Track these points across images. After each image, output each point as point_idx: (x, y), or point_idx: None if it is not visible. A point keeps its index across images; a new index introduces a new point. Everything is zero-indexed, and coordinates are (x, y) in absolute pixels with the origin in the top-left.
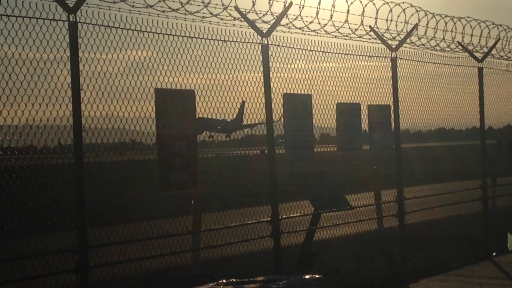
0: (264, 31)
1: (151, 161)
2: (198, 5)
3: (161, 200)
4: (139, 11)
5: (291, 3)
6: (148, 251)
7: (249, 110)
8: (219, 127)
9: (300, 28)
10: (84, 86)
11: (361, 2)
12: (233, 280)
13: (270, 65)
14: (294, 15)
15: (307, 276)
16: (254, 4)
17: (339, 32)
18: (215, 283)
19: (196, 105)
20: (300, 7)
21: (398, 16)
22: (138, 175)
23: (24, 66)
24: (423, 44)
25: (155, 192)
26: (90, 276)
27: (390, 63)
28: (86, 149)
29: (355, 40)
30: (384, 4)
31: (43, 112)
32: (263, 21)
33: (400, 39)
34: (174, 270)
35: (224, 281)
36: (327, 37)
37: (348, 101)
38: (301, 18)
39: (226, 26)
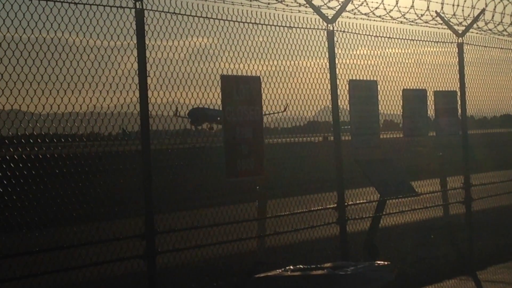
0: (330, 17)
1: (217, 148)
2: None
3: (227, 186)
4: None
5: None
6: (214, 237)
7: (313, 97)
8: (218, 118)
9: (365, 14)
10: (150, 73)
11: None
12: (300, 266)
13: (335, 51)
14: (359, 1)
15: (374, 263)
16: None
17: (404, 17)
18: (282, 269)
19: (262, 91)
20: None
21: (465, 1)
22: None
23: (92, 53)
24: (490, 29)
25: (221, 179)
26: (158, 262)
27: (457, 49)
28: (153, 136)
29: (420, 25)
30: None
31: (110, 99)
32: (328, 7)
33: (466, 24)
34: (240, 256)
35: (291, 267)
36: (392, 23)
37: (413, 87)
38: (367, 4)
39: (291, 12)
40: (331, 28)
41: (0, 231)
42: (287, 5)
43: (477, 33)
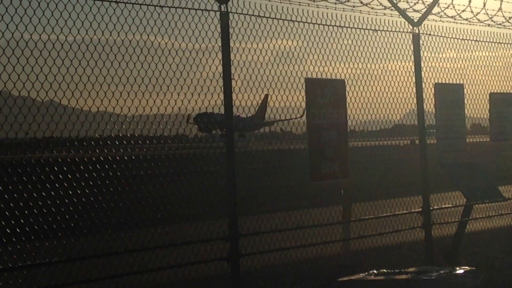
0: (415, 20)
1: (301, 151)
2: None
3: (311, 189)
4: (289, 1)
5: None
6: (298, 240)
7: (399, 100)
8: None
9: (452, 17)
10: (235, 76)
11: None
12: (384, 270)
13: (421, 54)
14: (445, 3)
15: (459, 269)
16: None
17: (492, 20)
18: (366, 273)
19: (346, 94)
20: None
21: None
22: (287, 164)
23: (177, 56)
24: None
25: (305, 181)
26: (241, 264)
27: None
28: (237, 138)
29: (508, 28)
30: None
31: (195, 102)
32: (414, 10)
33: None
34: (324, 259)
35: (375, 271)
36: (479, 25)
37: (501, 91)
38: (453, 7)
39: (376, 15)
40: (417, 31)
41: (87, 232)
42: (372, 8)
43: None
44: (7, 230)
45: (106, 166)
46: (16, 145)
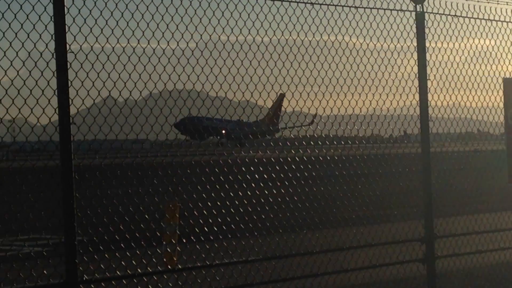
0: None
1: (498, 152)
2: None
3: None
4: (487, 0)
5: None
6: (496, 243)
7: None
8: (223, 131)
9: None
10: (430, 76)
11: None
12: None
13: None
14: None
15: None
16: None
17: None
18: None
19: None
20: None
21: None
22: (485, 165)
23: (372, 56)
24: None
25: (503, 183)
26: (436, 266)
27: None
28: (433, 139)
29: None
30: None
31: (390, 102)
32: None
33: None
34: None
35: None
36: None
37: None
38: None
39: None
40: None
41: (283, 231)
42: None
43: None
44: (205, 229)
45: (301, 166)
46: (211, 144)
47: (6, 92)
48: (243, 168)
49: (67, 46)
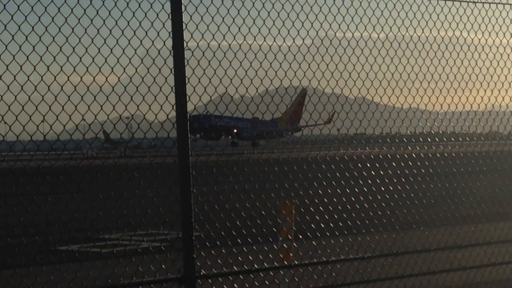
0: None
1: None
2: None
3: None
4: None
5: None
6: None
7: None
8: (235, 130)
9: None
10: None
11: None
12: None
13: None
14: None
15: None
16: None
17: None
18: None
19: None
20: None
21: None
22: None
23: (490, 52)
24: None
25: None
26: None
27: None
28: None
29: None
30: None
31: (509, 98)
32: None
33: None
34: None
35: None
36: None
37: None
38: None
39: None
40: None
41: (396, 228)
42: None
43: None
44: (321, 225)
45: (418, 163)
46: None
47: (125, 89)
48: (359, 165)
49: (185, 43)
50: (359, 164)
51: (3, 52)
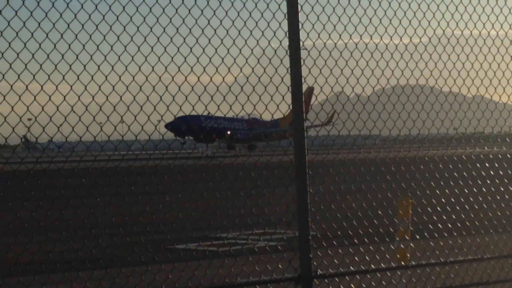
0: None
1: None
2: None
3: None
4: None
5: None
6: None
7: None
8: (229, 132)
9: None
10: None
11: None
12: None
13: None
14: None
15: None
16: None
17: None
18: None
19: None
20: None
21: None
22: None
23: None
24: None
25: None
26: None
27: None
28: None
29: None
30: None
31: None
32: None
33: None
34: None
35: None
36: None
37: None
38: None
39: None
40: None
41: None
42: None
43: None
44: (439, 225)
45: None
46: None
47: (242, 88)
48: (478, 164)
49: (301, 42)
50: (478, 164)
51: (108, 53)
